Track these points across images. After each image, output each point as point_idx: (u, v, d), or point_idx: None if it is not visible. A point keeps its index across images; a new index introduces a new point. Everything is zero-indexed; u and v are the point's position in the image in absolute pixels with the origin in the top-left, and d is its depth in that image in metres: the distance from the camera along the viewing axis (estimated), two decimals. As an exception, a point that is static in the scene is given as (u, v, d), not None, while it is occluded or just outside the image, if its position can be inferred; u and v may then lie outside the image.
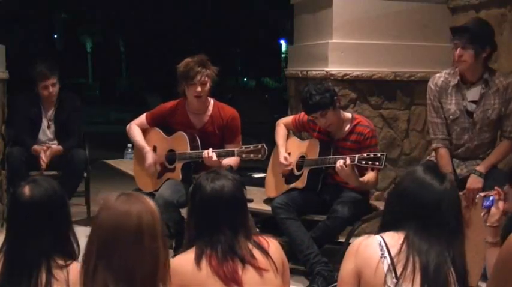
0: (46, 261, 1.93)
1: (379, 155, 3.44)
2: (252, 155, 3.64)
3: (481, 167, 3.54)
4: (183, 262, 2.03)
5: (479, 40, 3.44)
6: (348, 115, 3.86)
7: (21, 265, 1.93)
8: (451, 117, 3.66)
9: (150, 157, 4.14)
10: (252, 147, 3.66)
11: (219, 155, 3.79)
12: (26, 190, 1.98)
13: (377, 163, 3.43)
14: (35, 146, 4.72)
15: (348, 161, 3.51)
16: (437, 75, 3.74)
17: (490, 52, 3.51)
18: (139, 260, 1.70)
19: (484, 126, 3.60)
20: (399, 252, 1.88)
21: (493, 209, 2.46)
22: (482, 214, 2.51)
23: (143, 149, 4.18)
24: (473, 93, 3.59)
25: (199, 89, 3.92)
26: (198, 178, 2.15)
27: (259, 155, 3.63)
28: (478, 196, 2.59)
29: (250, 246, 2.06)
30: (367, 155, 3.47)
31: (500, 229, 2.48)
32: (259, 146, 3.64)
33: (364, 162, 3.47)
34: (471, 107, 3.61)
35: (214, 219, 2.06)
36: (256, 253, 2.06)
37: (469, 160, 3.68)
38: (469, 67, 3.52)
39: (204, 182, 2.10)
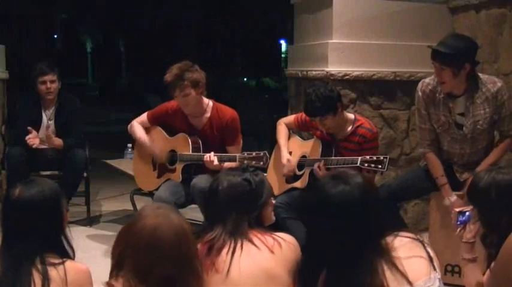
0: (39, 261, 1.93)
1: (382, 158, 3.43)
2: (253, 162, 3.65)
3: (480, 168, 3.52)
4: None
5: (455, 60, 3.36)
6: (351, 116, 3.85)
7: (13, 265, 1.93)
8: (440, 127, 3.62)
9: (155, 146, 4.16)
10: (254, 154, 3.67)
11: (221, 160, 3.79)
12: (16, 191, 2.00)
13: (380, 167, 3.42)
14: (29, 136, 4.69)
15: (321, 164, 3.58)
16: (427, 80, 3.67)
17: (471, 67, 3.42)
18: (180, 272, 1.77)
19: (476, 135, 3.56)
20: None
21: (470, 225, 2.42)
22: (458, 230, 2.47)
23: (145, 144, 4.20)
24: (459, 105, 3.53)
25: (182, 101, 3.94)
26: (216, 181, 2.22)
27: (261, 163, 3.64)
28: (452, 211, 2.56)
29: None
30: (370, 157, 3.46)
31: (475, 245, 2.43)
32: (262, 153, 3.65)
33: (366, 165, 3.46)
34: (459, 119, 3.56)
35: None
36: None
37: (467, 166, 3.67)
38: (451, 86, 3.46)
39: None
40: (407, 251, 1.82)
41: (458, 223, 2.46)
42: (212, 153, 3.79)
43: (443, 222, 3.67)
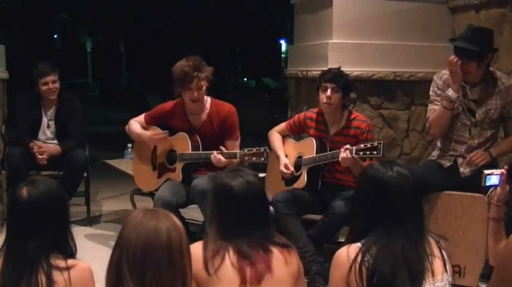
0: (45, 261, 1.93)
1: (376, 143, 3.40)
2: (254, 159, 3.64)
3: (493, 150, 3.62)
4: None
5: (479, 53, 3.53)
6: (346, 111, 3.89)
7: (20, 265, 1.93)
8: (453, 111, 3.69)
9: (148, 133, 4.16)
10: (254, 150, 3.66)
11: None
12: (24, 190, 2.00)
13: (375, 152, 3.39)
14: (31, 144, 4.70)
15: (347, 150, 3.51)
16: (444, 71, 3.77)
17: (492, 56, 3.63)
18: (171, 277, 1.71)
19: (485, 124, 3.66)
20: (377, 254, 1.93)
21: (498, 188, 2.49)
22: (489, 191, 2.52)
23: (142, 135, 4.19)
24: (474, 92, 3.66)
25: (195, 94, 3.93)
26: (222, 178, 2.14)
27: (262, 159, 3.63)
28: (482, 173, 2.60)
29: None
30: (364, 145, 3.44)
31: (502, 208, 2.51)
32: (262, 149, 3.63)
33: (362, 153, 3.43)
34: (472, 105, 3.66)
35: (248, 216, 2.08)
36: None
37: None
38: (475, 75, 3.61)
39: (230, 181, 2.10)
40: (432, 248, 2.02)
41: (487, 185, 2.51)
42: (217, 151, 3.76)
43: (443, 222, 3.67)
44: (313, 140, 3.86)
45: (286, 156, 3.98)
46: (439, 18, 4.92)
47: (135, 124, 4.25)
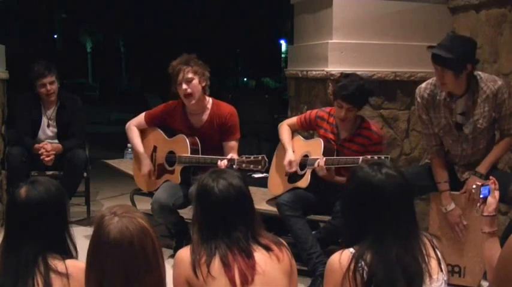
0: (42, 262, 1.93)
1: (383, 158, 3.39)
2: (251, 166, 3.64)
3: (480, 168, 3.52)
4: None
5: (456, 63, 3.36)
6: (359, 116, 3.87)
7: (17, 265, 1.93)
8: (441, 131, 3.63)
9: (146, 164, 4.16)
10: (252, 157, 3.66)
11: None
12: (23, 190, 2.00)
13: None
14: (36, 145, 4.72)
15: (322, 162, 3.63)
16: (423, 85, 3.67)
17: (472, 67, 3.43)
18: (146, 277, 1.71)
19: (477, 135, 3.56)
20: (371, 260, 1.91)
21: (489, 198, 2.46)
22: (478, 204, 2.51)
23: (139, 154, 4.20)
24: (461, 105, 3.53)
25: (185, 86, 3.93)
26: (203, 179, 2.14)
27: (259, 167, 3.63)
28: (474, 186, 2.59)
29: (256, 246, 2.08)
30: (371, 157, 3.46)
31: (497, 218, 2.48)
32: (260, 157, 3.63)
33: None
34: (460, 119, 3.56)
35: (227, 218, 2.07)
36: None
37: (468, 166, 3.66)
38: (452, 87, 3.47)
39: (210, 183, 2.10)
40: (427, 249, 1.99)
41: (481, 196, 2.49)
42: (225, 160, 3.73)
43: (442, 222, 3.68)
44: (321, 141, 3.84)
45: (293, 152, 3.97)
46: (439, 18, 4.91)
47: (135, 134, 4.24)
